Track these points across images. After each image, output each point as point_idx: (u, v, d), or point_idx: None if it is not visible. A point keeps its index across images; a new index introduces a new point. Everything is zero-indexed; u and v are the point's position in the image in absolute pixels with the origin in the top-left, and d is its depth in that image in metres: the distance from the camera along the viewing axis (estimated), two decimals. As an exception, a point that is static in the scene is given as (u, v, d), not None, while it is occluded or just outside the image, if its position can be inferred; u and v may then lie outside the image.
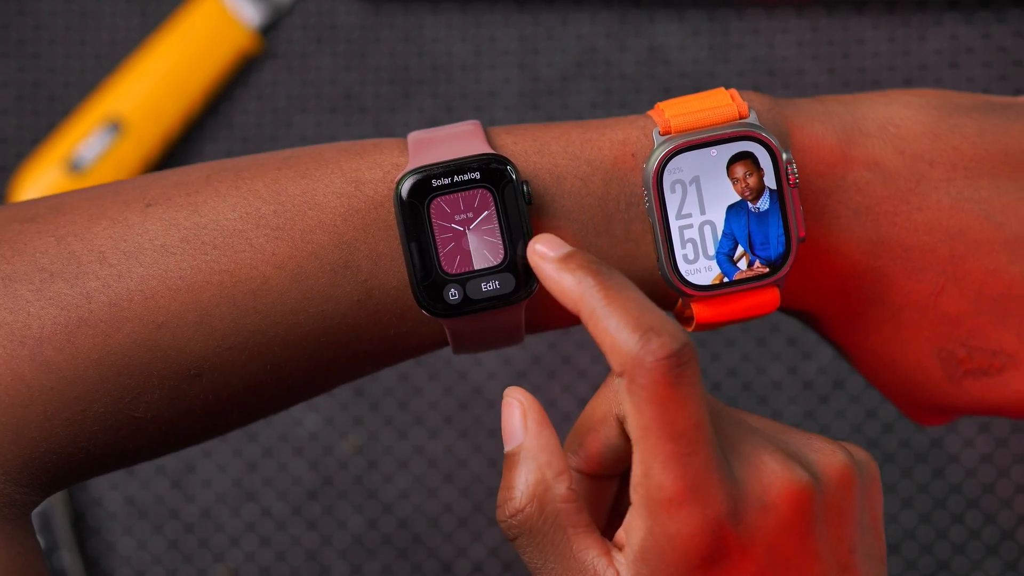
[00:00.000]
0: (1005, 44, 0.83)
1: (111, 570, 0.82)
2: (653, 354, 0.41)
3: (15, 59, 0.85)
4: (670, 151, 0.46)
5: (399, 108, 0.84)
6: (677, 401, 0.41)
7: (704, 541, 0.42)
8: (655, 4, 0.84)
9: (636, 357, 0.41)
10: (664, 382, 0.41)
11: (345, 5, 0.85)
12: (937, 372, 0.49)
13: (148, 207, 0.47)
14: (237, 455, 0.82)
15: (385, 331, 0.47)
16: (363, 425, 0.82)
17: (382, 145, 0.48)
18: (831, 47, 0.83)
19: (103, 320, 0.45)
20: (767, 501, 0.42)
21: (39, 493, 0.46)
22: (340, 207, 0.46)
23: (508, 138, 0.48)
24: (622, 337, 0.41)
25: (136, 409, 0.46)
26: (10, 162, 0.84)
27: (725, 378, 0.82)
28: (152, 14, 0.85)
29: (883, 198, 0.48)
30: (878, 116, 0.49)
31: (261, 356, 0.46)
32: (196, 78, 0.83)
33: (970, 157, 0.48)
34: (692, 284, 0.47)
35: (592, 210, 0.47)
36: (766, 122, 0.48)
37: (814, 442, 0.45)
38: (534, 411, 0.46)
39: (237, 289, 0.46)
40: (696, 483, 0.41)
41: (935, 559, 0.80)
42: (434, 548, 0.81)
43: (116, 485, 0.82)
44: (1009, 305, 0.48)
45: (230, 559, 0.82)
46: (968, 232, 0.48)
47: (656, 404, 0.41)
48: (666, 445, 0.41)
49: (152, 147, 0.83)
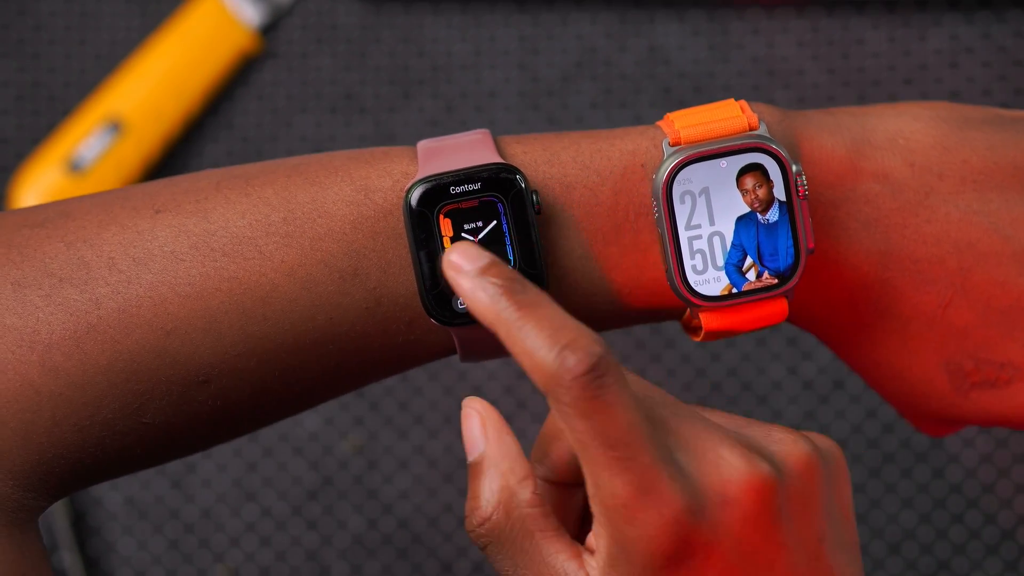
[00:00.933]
0: (1005, 44, 0.83)
1: (111, 570, 0.82)
2: (571, 372, 0.40)
3: (15, 59, 0.85)
4: (680, 162, 0.46)
5: (399, 108, 0.84)
6: (603, 411, 0.41)
7: (666, 541, 0.41)
8: (655, 4, 0.84)
9: (555, 376, 0.41)
10: (586, 396, 0.41)
11: (345, 5, 0.85)
12: (945, 384, 0.49)
13: (158, 213, 0.47)
14: (237, 455, 0.82)
15: (393, 339, 0.47)
16: (363, 425, 0.82)
17: (392, 153, 0.48)
18: (831, 47, 0.83)
19: (112, 326, 0.45)
20: (728, 496, 0.42)
21: (46, 498, 0.46)
22: (349, 215, 0.47)
23: (518, 147, 0.48)
24: (540, 357, 0.41)
25: (144, 415, 0.46)
26: (10, 162, 0.84)
27: (725, 378, 0.82)
28: (152, 14, 0.85)
29: (892, 210, 0.48)
30: (888, 128, 0.49)
31: (269, 363, 0.46)
32: (196, 78, 0.83)
33: (979, 170, 0.48)
34: (701, 295, 0.47)
35: (601, 220, 0.47)
36: (776, 134, 0.48)
37: (774, 433, 0.45)
38: (493, 419, 0.45)
39: (246, 296, 0.46)
40: (645, 485, 0.41)
41: (935, 559, 0.80)
42: (434, 548, 0.81)
43: (116, 485, 0.82)
44: (1017, 317, 0.48)
45: (230, 559, 0.82)
46: (977, 244, 0.48)
47: (584, 417, 0.41)
48: (605, 453, 0.41)
49: (152, 147, 0.83)
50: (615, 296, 0.48)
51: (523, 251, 0.46)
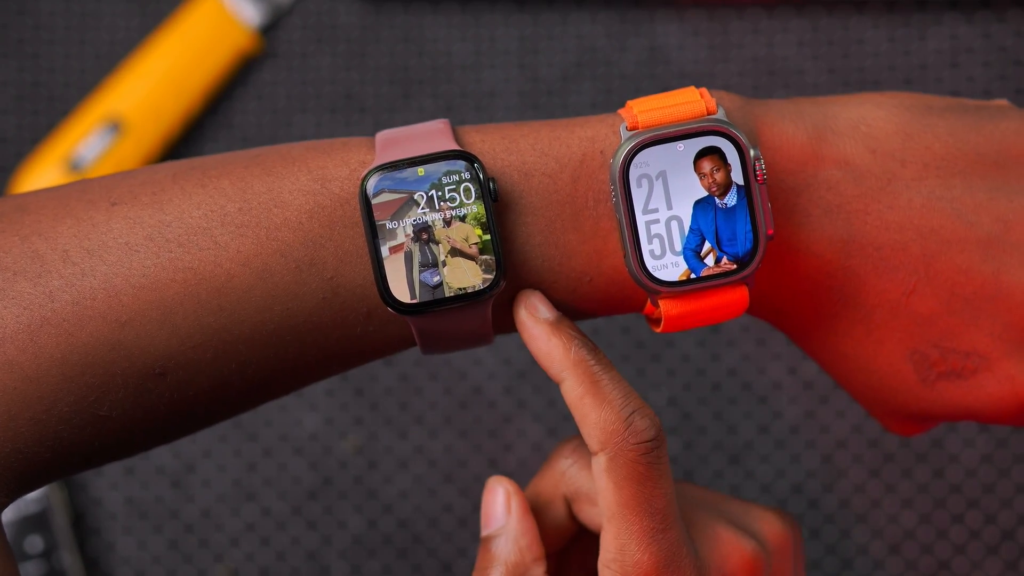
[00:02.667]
0: (1005, 44, 0.83)
1: (111, 570, 0.82)
2: (636, 436, 0.44)
3: (15, 59, 0.85)
4: (636, 145, 0.46)
5: (399, 108, 0.84)
6: (654, 480, 0.44)
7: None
8: (655, 4, 0.84)
9: (620, 439, 0.44)
10: (643, 462, 0.44)
11: (345, 5, 0.85)
12: (911, 375, 0.49)
13: (113, 205, 0.46)
14: (237, 455, 0.82)
15: (352, 330, 0.47)
16: (363, 425, 0.82)
17: (350, 143, 0.48)
18: (831, 47, 0.83)
19: (66, 319, 0.45)
20: (726, 571, 0.46)
21: (6, 494, 0.46)
22: (306, 204, 0.46)
23: (476, 136, 0.48)
24: (606, 417, 0.44)
25: (101, 408, 0.46)
26: (10, 162, 0.84)
27: (725, 378, 0.82)
28: (152, 14, 0.85)
29: (854, 196, 0.48)
30: (850, 116, 0.48)
31: (226, 355, 0.46)
32: (196, 78, 0.83)
33: (942, 156, 0.48)
34: (659, 280, 0.46)
35: (560, 207, 0.47)
36: (735, 119, 0.47)
37: (753, 510, 0.49)
38: (519, 498, 0.48)
39: (201, 286, 0.46)
40: (668, 559, 0.44)
41: (935, 559, 0.80)
42: (434, 548, 0.81)
43: (116, 485, 0.82)
44: (981, 305, 0.48)
45: (230, 559, 0.82)
46: (940, 231, 0.48)
47: (636, 482, 0.44)
48: (644, 521, 0.44)
49: (152, 147, 0.83)
50: (575, 284, 0.48)
51: (480, 239, 0.46)
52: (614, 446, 0.44)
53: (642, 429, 0.44)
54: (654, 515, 0.44)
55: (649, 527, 0.44)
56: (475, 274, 0.46)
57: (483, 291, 0.46)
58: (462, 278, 0.46)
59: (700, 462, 0.81)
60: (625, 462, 0.44)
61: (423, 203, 0.46)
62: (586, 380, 0.44)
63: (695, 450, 0.81)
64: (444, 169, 0.46)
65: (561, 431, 0.82)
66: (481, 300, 0.46)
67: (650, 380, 0.82)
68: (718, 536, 0.46)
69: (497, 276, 0.46)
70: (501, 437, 0.82)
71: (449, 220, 0.46)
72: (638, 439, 0.44)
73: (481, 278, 0.46)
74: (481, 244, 0.46)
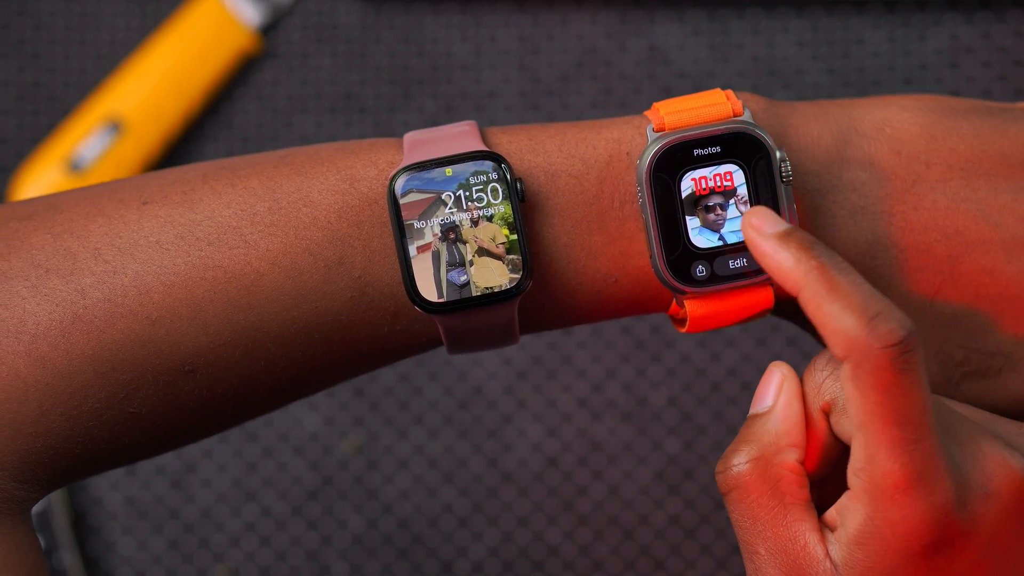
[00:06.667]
0: (1005, 44, 0.83)
1: (111, 570, 0.82)
2: (881, 340, 0.40)
3: (15, 59, 0.85)
4: (663, 146, 0.46)
5: (399, 108, 0.84)
6: (904, 387, 0.41)
7: (928, 529, 0.41)
8: (655, 4, 0.84)
9: (864, 343, 0.41)
10: (891, 368, 0.41)
11: (345, 5, 0.85)
12: (936, 375, 0.49)
13: (144, 204, 0.47)
14: (237, 455, 0.82)
15: (379, 329, 0.47)
16: (363, 425, 0.82)
17: (378, 144, 0.48)
18: (831, 47, 0.83)
19: (98, 316, 0.45)
20: (990, 489, 0.42)
21: (37, 489, 0.46)
22: (335, 204, 0.47)
23: (503, 137, 0.48)
24: (848, 322, 0.41)
25: (131, 404, 0.46)
26: (10, 162, 0.84)
27: (725, 378, 0.82)
28: (152, 14, 0.85)
29: (879, 198, 0.48)
30: (874, 118, 0.48)
31: (255, 353, 0.46)
32: (196, 78, 0.83)
33: (966, 158, 0.48)
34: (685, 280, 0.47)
35: (586, 208, 0.47)
36: (761, 121, 0.48)
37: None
38: (793, 385, 0.45)
39: (231, 285, 0.46)
40: (922, 471, 0.41)
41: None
42: (434, 548, 0.81)
43: (116, 485, 0.82)
44: (1006, 305, 0.48)
45: (230, 559, 0.82)
46: (965, 232, 0.48)
47: (883, 390, 0.41)
48: (892, 431, 0.41)
49: (152, 147, 0.83)
50: (601, 285, 0.48)
51: (507, 239, 0.46)
52: (857, 352, 0.41)
53: (886, 332, 0.40)
54: (905, 424, 0.41)
55: (899, 437, 0.41)
56: (502, 274, 0.46)
57: (510, 291, 0.46)
58: (489, 278, 0.46)
59: (700, 462, 0.81)
60: (871, 369, 0.40)
61: (451, 203, 0.46)
62: (822, 286, 0.42)
63: (695, 450, 0.81)
64: (472, 169, 0.46)
65: (561, 431, 0.82)
66: (508, 300, 0.46)
67: (650, 380, 0.82)
68: (983, 452, 0.43)
69: (524, 276, 0.46)
70: (501, 437, 0.82)
71: (476, 220, 0.46)
72: (883, 343, 0.40)
73: (508, 278, 0.46)
74: (508, 244, 0.46)
